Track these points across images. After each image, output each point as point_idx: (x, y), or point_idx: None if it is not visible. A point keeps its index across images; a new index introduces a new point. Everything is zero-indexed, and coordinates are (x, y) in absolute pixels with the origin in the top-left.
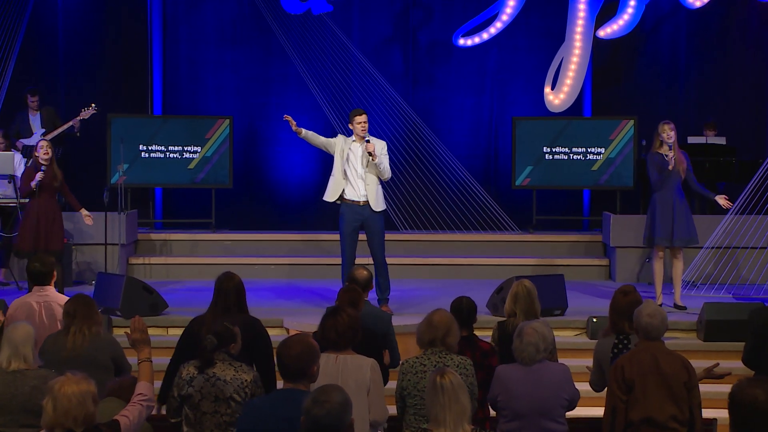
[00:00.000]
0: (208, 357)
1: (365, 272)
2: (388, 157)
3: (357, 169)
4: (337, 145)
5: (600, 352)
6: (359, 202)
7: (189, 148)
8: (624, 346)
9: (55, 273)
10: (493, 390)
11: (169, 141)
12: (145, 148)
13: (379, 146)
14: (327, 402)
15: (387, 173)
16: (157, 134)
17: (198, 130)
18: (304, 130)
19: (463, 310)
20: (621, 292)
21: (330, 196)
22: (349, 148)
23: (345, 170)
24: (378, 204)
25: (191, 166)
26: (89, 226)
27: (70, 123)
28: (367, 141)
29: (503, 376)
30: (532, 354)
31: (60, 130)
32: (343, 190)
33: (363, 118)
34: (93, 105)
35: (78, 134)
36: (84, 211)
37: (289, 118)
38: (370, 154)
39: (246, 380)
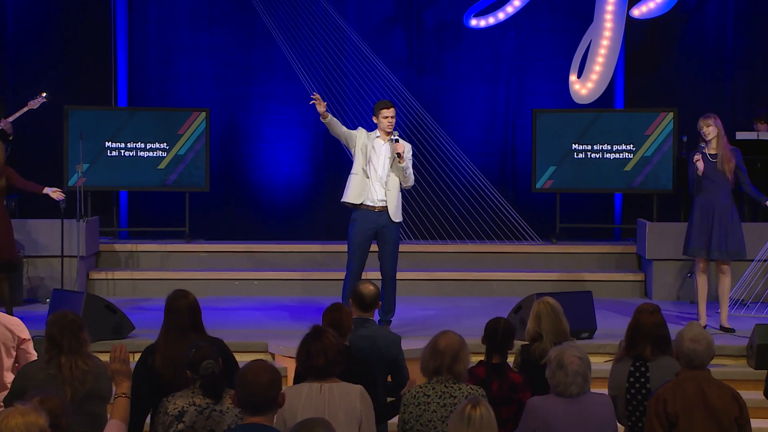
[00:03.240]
0: (218, 387)
1: (372, 288)
2: (412, 162)
3: (378, 170)
4: (359, 139)
5: (614, 380)
6: (375, 208)
7: (159, 146)
8: (641, 374)
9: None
10: (527, 425)
11: (136, 137)
12: (108, 145)
13: (407, 149)
14: None
15: (411, 180)
16: (121, 129)
17: (169, 124)
18: (330, 115)
19: (498, 333)
20: (646, 310)
21: (354, 196)
22: (372, 146)
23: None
24: (397, 214)
25: (161, 166)
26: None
27: (10, 118)
28: (396, 140)
29: (540, 409)
30: (581, 385)
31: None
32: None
33: (391, 112)
34: (44, 94)
35: (11, 137)
36: (47, 189)
37: (318, 97)
38: (398, 155)
39: None
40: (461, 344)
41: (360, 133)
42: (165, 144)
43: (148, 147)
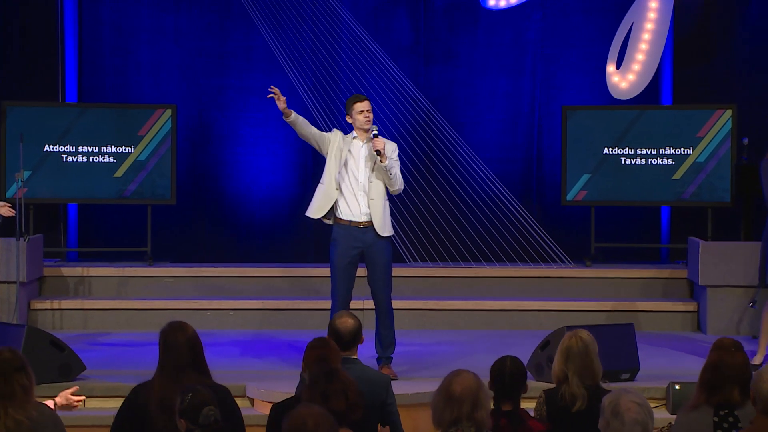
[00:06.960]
0: None
1: (351, 321)
2: (399, 162)
3: (358, 178)
4: (333, 142)
5: (688, 431)
6: (359, 223)
7: (115, 149)
8: (731, 424)
9: None
10: None
11: (88, 139)
12: (54, 149)
13: (389, 148)
14: None
15: (398, 183)
16: (70, 130)
17: (128, 123)
18: (294, 113)
19: (506, 375)
20: (726, 347)
21: (315, 211)
22: (348, 150)
23: (340, 180)
24: (385, 227)
25: (118, 173)
26: None
27: None
28: (375, 136)
29: None
30: None
31: None
32: (336, 205)
33: (365, 105)
34: None
35: None
36: None
37: (277, 91)
38: (378, 153)
39: None
40: (479, 385)
41: (335, 136)
42: (122, 147)
43: (102, 151)
